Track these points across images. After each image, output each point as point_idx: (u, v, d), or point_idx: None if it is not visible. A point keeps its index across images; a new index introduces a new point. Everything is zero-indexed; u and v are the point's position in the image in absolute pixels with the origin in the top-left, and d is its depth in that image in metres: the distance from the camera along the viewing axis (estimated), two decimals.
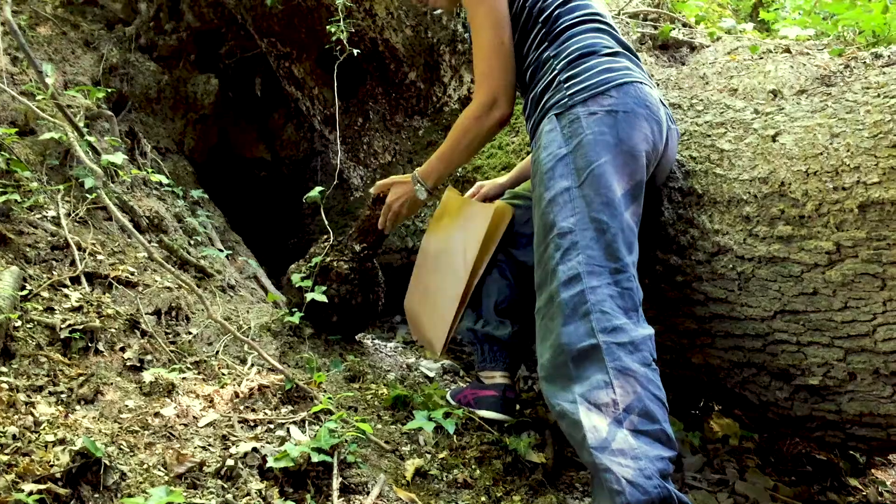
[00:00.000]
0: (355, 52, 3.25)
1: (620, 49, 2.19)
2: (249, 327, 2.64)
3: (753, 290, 2.13)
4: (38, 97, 2.93)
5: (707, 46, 3.07)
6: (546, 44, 2.22)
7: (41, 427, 1.78)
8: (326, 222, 3.03)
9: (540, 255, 2.04)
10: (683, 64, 3.06)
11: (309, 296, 2.59)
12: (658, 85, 2.89)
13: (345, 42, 3.25)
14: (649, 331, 1.89)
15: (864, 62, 2.36)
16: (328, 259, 2.72)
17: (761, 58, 2.70)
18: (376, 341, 3.17)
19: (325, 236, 2.82)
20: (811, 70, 2.44)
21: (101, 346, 2.20)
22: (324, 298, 2.60)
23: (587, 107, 2.04)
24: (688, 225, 2.25)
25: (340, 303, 2.70)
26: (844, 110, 2.01)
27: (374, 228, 2.68)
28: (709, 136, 2.30)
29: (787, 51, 2.70)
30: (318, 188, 2.92)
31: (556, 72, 2.15)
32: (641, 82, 2.10)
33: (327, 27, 3.27)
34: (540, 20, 2.25)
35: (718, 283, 2.21)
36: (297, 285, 2.70)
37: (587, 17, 2.23)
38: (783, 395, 2.23)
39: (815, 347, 2.08)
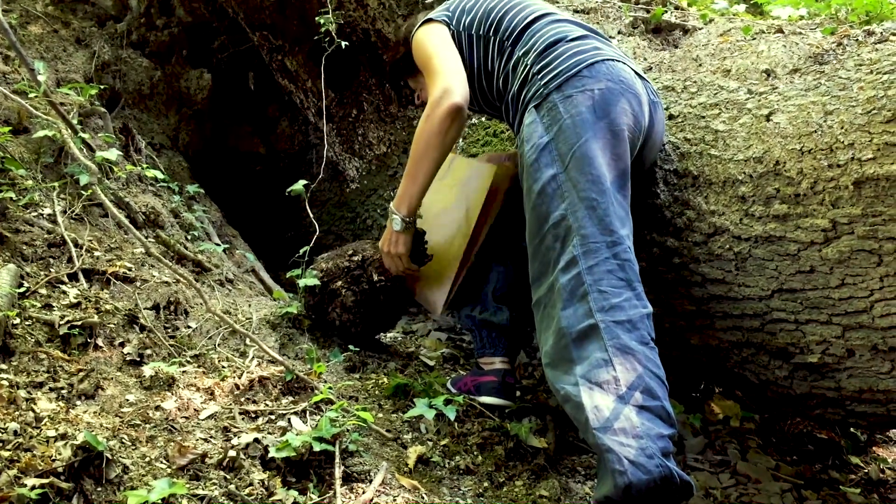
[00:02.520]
0: (343, 44, 3.23)
1: (587, 32, 2.22)
2: (249, 319, 2.64)
3: (751, 269, 2.13)
4: (31, 95, 2.92)
5: (700, 29, 3.06)
6: (510, 48, 2.25)
7: (42, 423, 1.78)
8: (312, 216, 3.01)
9: (535, 248, 2.04)
10: (676, 47, 3.05)
11: (301, 282, 2.59)
12: (651, 68, 2.88)
13: (333, 34, 3.24)
14: (648, 309, 1.90)
15: (857, 40, 2.35)
16: (338, 283, 2.62)
17: (754, 38, 2.69)
18: None
19: (351, 252, 2.69)
20: (804, 49, 2.43)
21: (100, 342, 2.20)
22: (316, 281, 2.59)
23: (562, 92, 2.05)
24: (684, 207, 2.26)
25: (341, 326, 2.68)
26: (838, 88, 2.00)
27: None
28: (703, 117, 2.30)
29: (780, 31, 2.69)
30: (302, 181, 2.89)
31: (528, 66, 2.17)
32: (613, 59, 2.11)
33: (316, 18, 3.26)
34: (490, 33, 2.29)
35: (716, 264, 2.21)
36: (301, 285, 2.66)
37: (540, 15, 2.28)
38: (782, 374, 2.23)
39: (814, 325, 2.08)
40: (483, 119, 3.31)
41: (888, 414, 2.12)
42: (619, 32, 3.21)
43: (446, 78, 2.18)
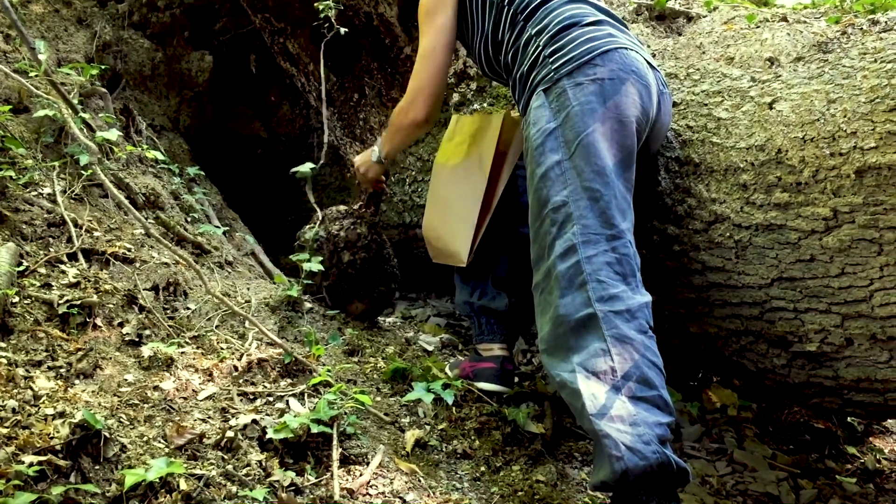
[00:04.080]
0: (343, 30, 3.21)
1: (602, 17, 2.19)
2: (248, 302, 2.64)
3: (751, 257, 2.13)
4: (32, 74, 2.91)
5: (703, 16, 3.05)
6: (522, 22, 2.22)
7: (40, 401, 1.78)
8: (313, 199, 3.01)
9: (536, 232, 2.04)
10: (680, 34, 3.05)
11: (306, 266, 2.61)
12: (654, 55, 2.87)
13: (333, 20, 3.22)
14: (646, 298, 1.90)
15: (862, 29, 2.35)
16: (334, 227, 2.81)
17: (758, 27, 2.68)
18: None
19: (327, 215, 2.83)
20: (808, 37, 2.42)
21: (99, 322, 2.19)
22: (319, 267, 2.61)
23: (573, 78, 2.03)
24: (685, 194, 2.25)
25: (352, 248, 2.80)
26: (841, 76, 2.00)
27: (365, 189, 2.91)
28: (705, 104, 2.29)
29: (784, 19, 2.68)
30: (309, 164, 2.92)
31: (540, 48, 2.14)
32: (626, 47, 2.09)
33: (315, 4, 3.23)
34: (504, 3, 2.27)
35: (716, 252, 2.21)
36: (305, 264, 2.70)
37: None
38: (781, 363, 2.23)
39: (813, 314, 2.08)
40: (485, 105, 3.30)
41: (885, 403, 2.12)
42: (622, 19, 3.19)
43: (418, 87, 2.35)
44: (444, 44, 2.35)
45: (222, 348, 2.32)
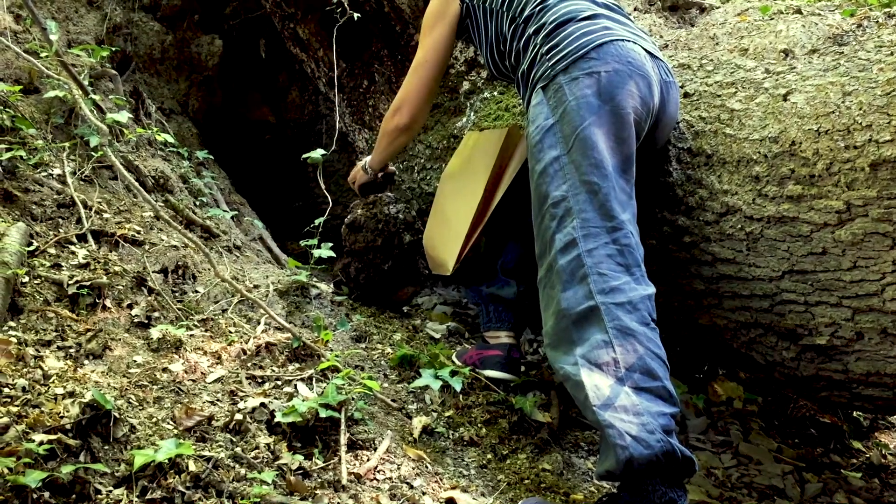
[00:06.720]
0: (356, 16, 3.21)
1: (600, 10, 2.19)
2: (256, 286, 2.64)
3: (762, 250, 2.13)
4: (43, 55, 2.90)
5: (717, 7, 3.04)
6: (522, 25, 2.25)
7: (50, 380, 1.78)
8: (324, 186, 3.01)
9: (538, 228, 2.05)
10: (693, 25, 3.03)
11: (316, 252, 2.62)
12: (667, 46, 2.86)
13: (346, 5, 3.21)
14: (649, 290, 1.89)
15: (877, 21, 2.33)
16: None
17: (772, 18, 2.67)
18: None
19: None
20: (823, 30, 2.41)
21: (108, 303, 2.20)
22: (330, 253, 2.62)
23: (569, 73, 2.04)
24: (696, 185, 2.24)
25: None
26: (857, 69, 1.98)
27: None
28: (719, 96, 2.28)
29: (799, 11, 2.67)
30: (320, 150, 2.92)
31: (538, 46, 2.16)
32: (623, 39, 2.08)
33: None
34: (503, 8, 2.30)
35: (726, 244, 2.20)
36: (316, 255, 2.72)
37: None
38: (790, 356, 2.23)
39: (823, 307, 2.07)
40: (495, 94, 3.29)
41: (895, 398, 2.12)
42: (635, 10, 3.19)
43: (405, 95, 2.49)
44: (436, 58, 2.45)
45: (231, 332, 2.32)
